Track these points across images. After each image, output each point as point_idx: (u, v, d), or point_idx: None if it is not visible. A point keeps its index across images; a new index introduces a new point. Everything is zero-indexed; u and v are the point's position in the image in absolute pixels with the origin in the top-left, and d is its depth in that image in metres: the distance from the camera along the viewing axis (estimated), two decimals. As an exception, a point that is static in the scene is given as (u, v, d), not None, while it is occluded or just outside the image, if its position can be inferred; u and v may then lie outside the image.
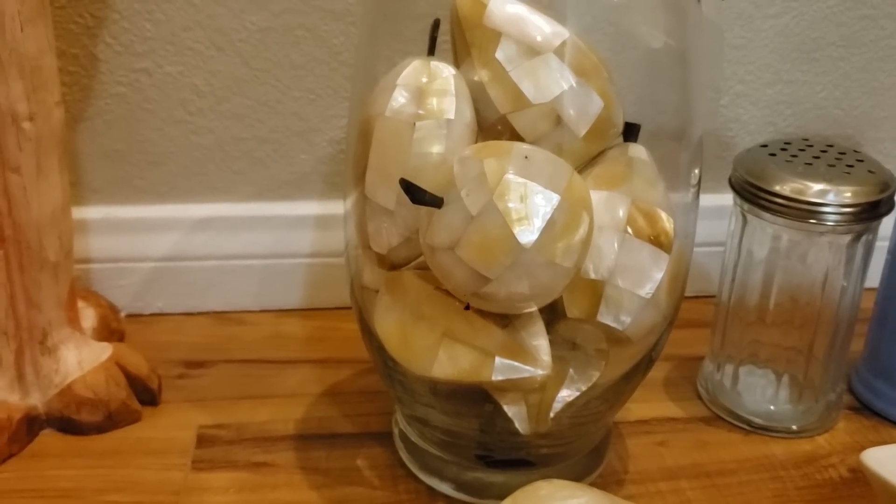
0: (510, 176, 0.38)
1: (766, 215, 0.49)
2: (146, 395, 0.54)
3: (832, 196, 0.47)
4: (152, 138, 0.60)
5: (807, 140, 0.53)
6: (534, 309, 0.41)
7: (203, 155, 0.61)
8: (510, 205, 0.37)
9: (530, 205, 0.38)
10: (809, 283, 0.50)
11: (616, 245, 0.42)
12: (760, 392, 0.53)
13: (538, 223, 0.38)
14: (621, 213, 0.42)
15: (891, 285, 0.53)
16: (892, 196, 0.49)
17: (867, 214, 0.48)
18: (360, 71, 0.46)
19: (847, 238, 0.49)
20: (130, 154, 0.61)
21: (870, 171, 0.49)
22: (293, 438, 0.51)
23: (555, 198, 0.38)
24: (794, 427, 0.53)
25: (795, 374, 0.53)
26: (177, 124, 0.60)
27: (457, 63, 0.44)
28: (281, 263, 0.63)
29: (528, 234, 0.37)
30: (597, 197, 0.42)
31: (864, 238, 0.49)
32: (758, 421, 0.53)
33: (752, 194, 0.49)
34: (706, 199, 0.52)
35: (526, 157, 0.39)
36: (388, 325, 0.44)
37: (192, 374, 0.57)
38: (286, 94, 0.60)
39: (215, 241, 0.63)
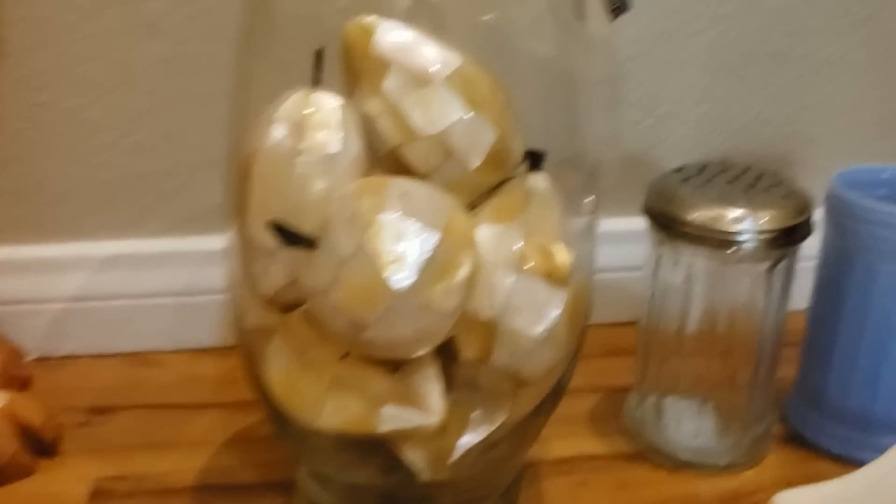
0: (384, 215, 0.36)
1: (680, 243, 0.47)
2: (42, 446, 0.51)
3: (747, 224, 0.45)
4: (54, 175, 0.58)
5: (724, 163, 0.51)
6: (423, 353, 0.39)
7: (108, 191, 0.59)
8: (383, 246, 0.35)
9: (405, 245, 0.35)
10: (728, 310, 0.48)
11: (509, 283, 0.39)
12: (685, 425, 0.51)
13: (414, 265, 0.35)
14: (515, 248, 0.40)
15: (819, 307, 0.51)
16: (808, 220, 0.47)
17: (784, 241, 0.46)
18: (235, 103, 0.44)
19: (764, 265, 0.47)
20: (32, 192, 0.58)
21: (786, 196, 0.47)
22: (193, 490, 0.49)
23: (433, 237, 0.36)
24: (721, 462, 0.50)
25: (720, 405, 0.51)
26: (79, 160, 0.58)
27: (350, 93, 0.42)
28: (194, 301, 0.61)
29: (402, 278, 0.35)
30: (489, 232, 0.40)
31: (782, 264, 0.47)
32: (683, 457, 0.50)
33: (665, 222, 0.47)
34: (634, 223, 0.51)
35: (404, 194, 0.37)
36: (275, 371, 0.42)
37: (96, 422, 0.54)
38: (192, 125, 0.58)
39: (125, 279, 0.60)
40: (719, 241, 0.46)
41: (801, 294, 0.52)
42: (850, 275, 0.49)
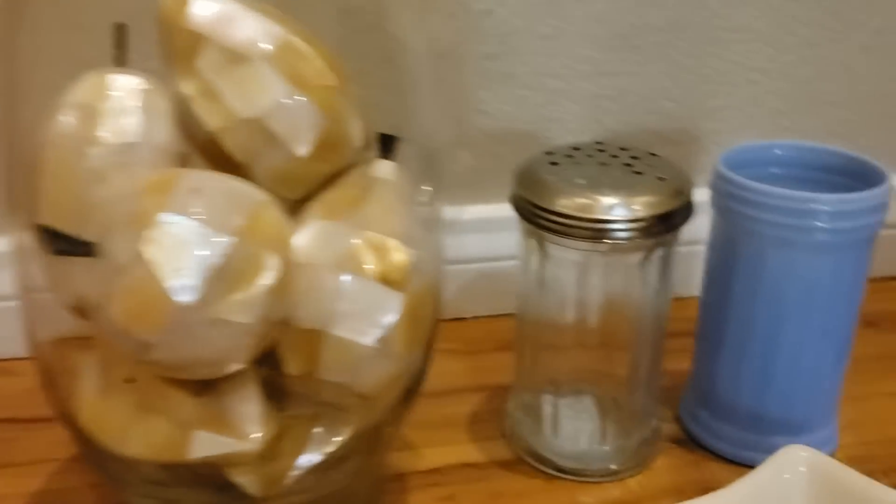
0: (167, 216, 0.31)
1: (546, 235, 0.43)
2: None
3: (618, 211, 0.41)
4: None
5: (600, 143, 0.46)
6: (233, 370, 0.34)
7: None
8: (163, 253, 0.30)
9: (191, 251, 0.31)
10: (604, 301, 0.44)
11: (336, 286, 0.35)
12: (564, 428, 0.47)
13: (200, 274, 0.30)
14: (344, 247, 0.35)
15: (708, 296, 0.47)
16: (687, 205, 0.43)
17: (659, 228, 0.42)
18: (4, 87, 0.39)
19: (639, 254, 0.43)
20: None
21: (660, 178, 0.43)
22: (19, 519, 0.44)
23: (226, 240, 0.31)
24: (605, 468, 0.46)
25: (602, 405, 0.47)
26: None
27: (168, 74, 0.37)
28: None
29: (185, 289, 0.30)
30: (317, 229, 0.35)
31: (659, 252, 0.43)
32: (563, 463, 0.46)
33: (530, 213, 0.43)
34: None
35: (195, 190, 0.32)
36: (82, 390, 0.37)
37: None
38: None
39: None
40: (588, 232, 0.41)
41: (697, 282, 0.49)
42: (737, 262, 0.45)
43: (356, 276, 0.35)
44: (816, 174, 0.47)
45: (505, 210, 0.45)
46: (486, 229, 0.60)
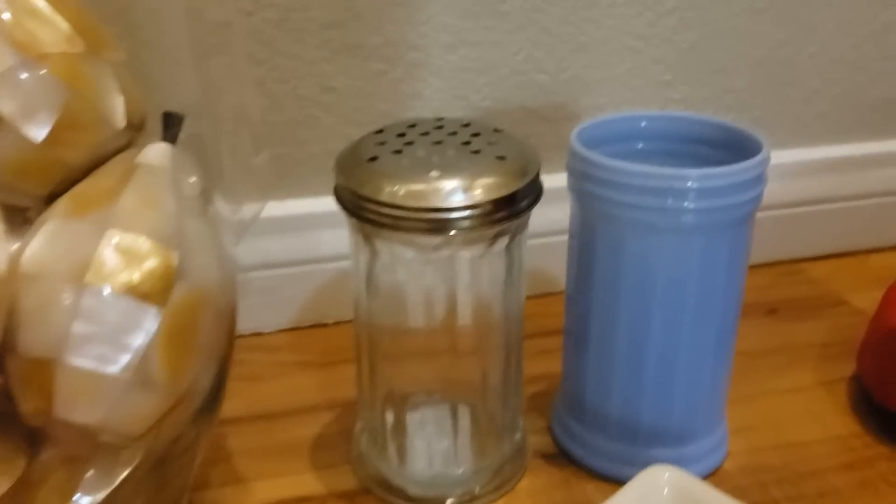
0: None
1: (372, 228, 0.36)
2: None
3: (450, 198, 0.34)
4: None
5: (440, 120, 0.40)
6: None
7: None
8: None
9: None
10: (448, 301, 0.38)
11: (72, 304, 0.28)
12: (414, 451, 0.41)
13: None
14: (84, 253, 0.29)
15: (571, 292, 0.41)
16: (532, 186, 0.36)
17: (501, 213, 0.36)
18: None
19: (481, 247, 0.37)
20: None
21: (500, 157, 0.36)
22: None
23: None
24: (462, 493, 0.40)
25: (457, 420, 0.41)
26: None
27: None
28: None
29: None
30: (49, 232, 0.28)
31: (503, 241, 0.37)
32: (414, 491, 0.40)
33: (354, 204, 0.36)
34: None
35: None
36: None
37: None
38: None
39: None
40: (420, 224, 0.35)
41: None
42: (597, 251, 0.39)
43: (98, 289, 0.28)
44: (689, 147, 0.41)
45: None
46: (345, 224, 0.54)
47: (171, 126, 0.34)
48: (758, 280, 0.60)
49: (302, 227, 0.53)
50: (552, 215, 0.43)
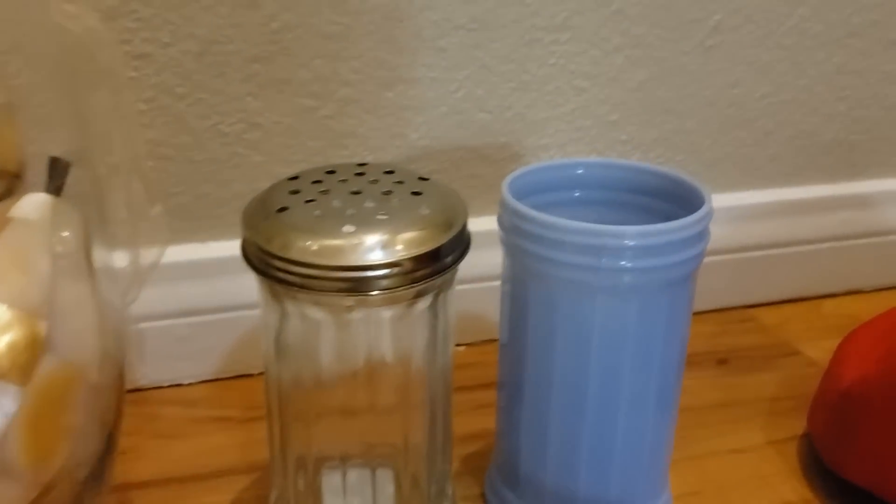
0: None
1: (280, 287, 0.33)
2: None
3: (365, 254, 0.31)
4: None
5: (363, 165, 0.37)
6: None
7: None
8: None
9: None
10: (363, 362, 0.35)
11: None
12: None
13: None
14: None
15: (506, 350, 0.38)
16: (459, 238, 0.33)
17: (423, 271, 0.33)
18: None
19: (398, 308, 0.34)
20: None
21: (423, 209, 0.33)
22: None
23: None
24: (382, 571, 0.37)
25: (378, 488, 0.38)
26: None
27: None
28: None
29: None
30: None
31: (424, 300, 0.34)
32: (330, 569, 0.38)
33: (259, 259, 0.33)
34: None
35: None
36: None
37: None
38: None
39: None
40: (330, 284, 0.32)
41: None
42: (530, 307, 0.36)
43: (-51, 366, 0.25)
44: (629, 197, 0.39)
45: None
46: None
47: (56, 174, 0.31)
48: (708, 328, 0.57)
49: (225, 270, 0.49)
50: (497, 259, 0.40)
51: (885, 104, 0.59)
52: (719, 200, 0.61)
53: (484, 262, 0.39)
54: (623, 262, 0.33)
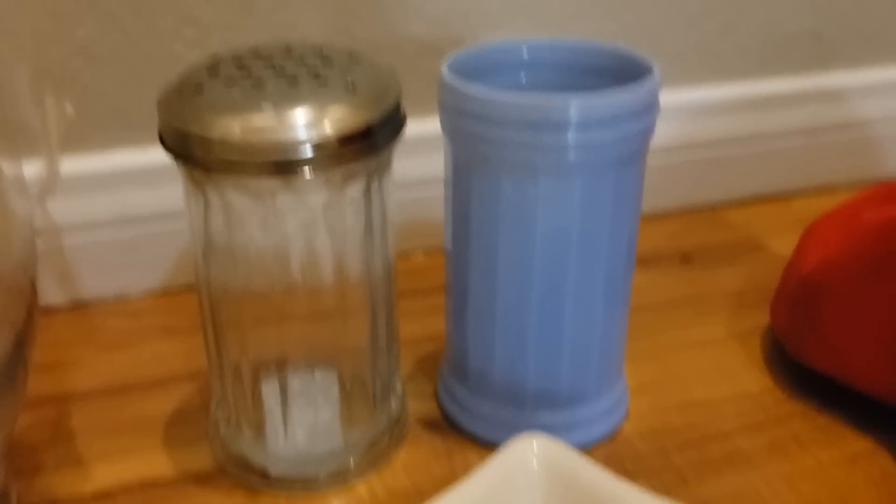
0: None
1: (203, 173, 0.31)
2: None
3: (283, 133, 0.29)
4: None
5: (289, 46, 0.35)
6: None
7: None
8: None
9: None
10: (295, 258, 0.33)
11: None
12: (272, 425, 0.36)
13: None
14: None
15: (451, 241, 0.37)
16: (390, 117, 0.31)
17: (351, 151, 0.31)
18: None
19: (327, 193, 0.31)
20: None
21: (352, 85, 0.31)
22: None
23: None
24: (327, 471, 0.36)
25: (324, 390, 0.37)
26: None
27: None
28: None
29: None
30: None
31: (355, 185, 0.32)
32: (274, 470, 0.36)
33: (178, 143, 0.31)
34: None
35: None
36: None
37: None
38: None
39: None
40: (252, 166, 0.30)
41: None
42: (472, 200, 0.34)
43: None
44: (578, 78, 0.36)
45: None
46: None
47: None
48: (672, 226, 0.56)
49: (167, 176, 0.47)
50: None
51: (856, -9, 0.57)
52: (684, 95, 0.60)
53: (441, 165, 0.37)
54: (567, 138, 0.31)
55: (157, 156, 0.47)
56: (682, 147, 0.56)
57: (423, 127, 0.41)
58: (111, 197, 0.48)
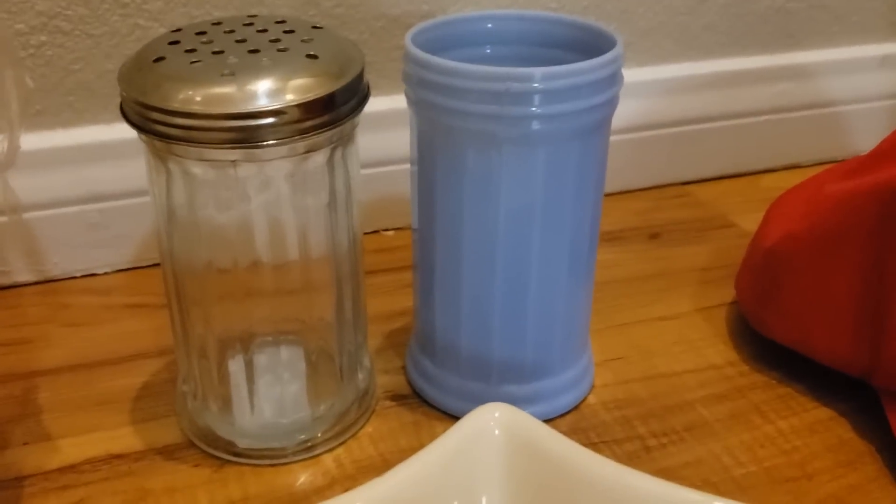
0: None
1: (162, 144, 0.31)
2: None
3: (250, 102, 0.29)
4: None
5: (252, 17, 0.34)
6: None
7: None
8: None
9: None
10: (258, 231, 0.33)
11: None
12: (238, 398, 0.36)
13: None
14: None
15: (418, 215, 0.37)
16: (353, 86, 0.31)
17: (312, 121, 0.30)
18: None
19: (288, 164, 0.31)
20: None
21: (312, 55, 0.31)
22: None
23: None
24: (295, 443, 0.36)
25: (283, 363, 0.37)
26: None
27: None
28: None
29: None
30: None
31: (317, 156, 0.32)
32: (241, 443, 0.36)
33: (138, 113, 0.31)
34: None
35: None
36: None
37: None
38: None
39: None
40: (211, 135, 0.30)
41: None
42: (437, 173, 0.34)
43: None
44: (542, 51, 0.36)
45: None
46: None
47: None
48: (641, 204, 0.56)
49: (135, 152, 0.46)
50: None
51: (824, -31, 0.58)
52: (653, 73, 0.60)
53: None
54: (530, 108, 0.31)
55: (124, 131, 0.48)
56: (651, 125, 0.57)
57: (392, 103, 0.41)
58: (77, 173, 0.47)
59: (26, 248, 0.48)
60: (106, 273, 0.49)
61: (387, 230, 0.53)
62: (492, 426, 0.28)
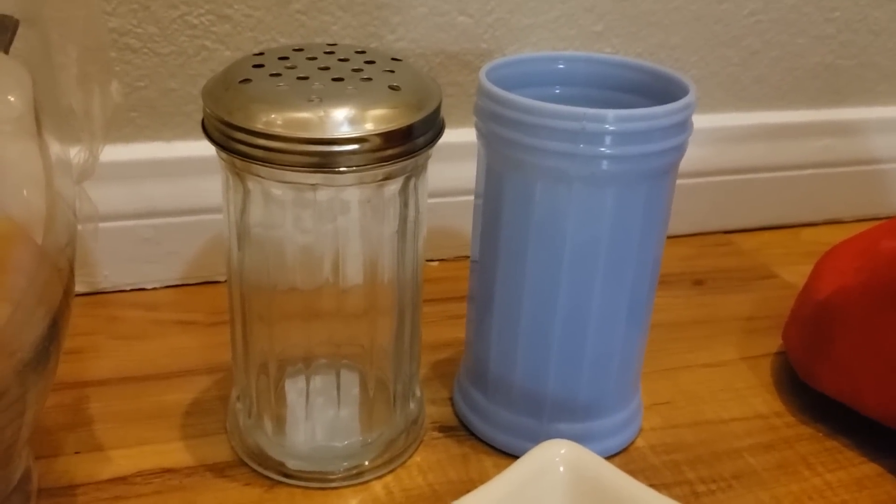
0: None
1: (243, 164, 0.31)
2: None
3: (327, 128, 0.30)
4: None
5: (332, 45, 0.35)
6: None
7: None
8: None
9: None
10: (328, 254, 0.33)
11: None
12: (293, 421, 0.36)
13: None
14: None
15: (479, 249, 0.37)
16: (430, 120, 0.32)
17: (391, 150, 0.31)
18: None
19: (365, 190, 0.32)
20: None
21: (393, 87, 0.32)
22: None
23: None
24: (345, 469, 0.36)
25: (344, 390, 0.37)
26: None
27: None
28: None
29: None
30: None
31: (392, 184, 0.32)
32: (292, 465, 0.36)
33: (221, 132, 0.31)
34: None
35: None
36: None
37: None
38: None
39: None
40: (294, 158, 0.30)
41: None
42: (503, 207, 0.35)
43: None
44: (611, 94, 0.37)
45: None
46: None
47: (2, 30, 0.29)
48: (685, 250, 0.57)
49: (192, 171, 0.48)
50: (473, 172, 0.39)
51: (874, 28, 0.58)
52: (702, 122, 0.60)
53: (459, 175, 0.37)
54: (602, 149, 0.32)
55: (182, 149, 0.49)
56: (698, 172, 0.57)
57: (444, 137, 0.41)
58: (133, 188, 0.48)
59: (80, 259, 0.48)
60: (154, 288, 0.49)
61: (431, 261, 0.54)
62: (557, 462, 0.28)
